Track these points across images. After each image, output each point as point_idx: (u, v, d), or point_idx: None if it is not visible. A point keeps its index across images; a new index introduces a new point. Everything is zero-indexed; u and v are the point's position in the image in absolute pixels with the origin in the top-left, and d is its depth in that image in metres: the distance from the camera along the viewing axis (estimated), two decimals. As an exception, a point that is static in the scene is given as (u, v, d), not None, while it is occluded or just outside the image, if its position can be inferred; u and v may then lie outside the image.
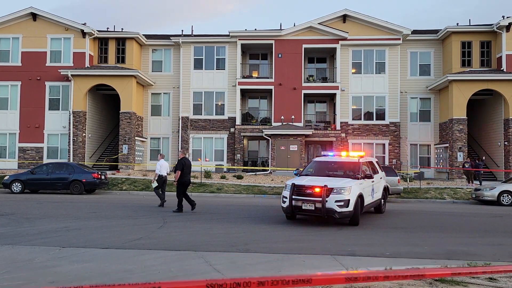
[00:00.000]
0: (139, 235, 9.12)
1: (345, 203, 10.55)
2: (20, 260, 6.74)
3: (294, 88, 28.42)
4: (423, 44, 29.20)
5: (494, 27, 26.85)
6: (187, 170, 13.58)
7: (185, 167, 13.50)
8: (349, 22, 28.75)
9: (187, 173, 13.58)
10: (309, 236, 9.49)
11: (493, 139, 27.25)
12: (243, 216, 12.73)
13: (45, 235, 9.00)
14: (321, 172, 12.31)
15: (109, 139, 31.88)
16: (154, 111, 30.44)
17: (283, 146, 27.29)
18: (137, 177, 23.58)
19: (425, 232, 10.39)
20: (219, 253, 7.47)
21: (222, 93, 29.47)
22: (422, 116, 29.18)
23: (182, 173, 13.39)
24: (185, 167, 13.53)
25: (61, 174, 19.99)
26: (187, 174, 13.58)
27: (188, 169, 13.62)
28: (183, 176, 13.43)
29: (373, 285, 5.26)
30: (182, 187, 13.52)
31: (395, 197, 19.45)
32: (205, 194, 20.45)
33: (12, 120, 28.41)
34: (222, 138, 29.34)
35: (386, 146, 28.48)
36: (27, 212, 12.66)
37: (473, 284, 5.45)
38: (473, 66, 27.59)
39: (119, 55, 29.39)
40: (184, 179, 13.47)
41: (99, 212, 13.00)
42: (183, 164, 13.51)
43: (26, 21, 28.74)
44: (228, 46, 29.38)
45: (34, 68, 28.39)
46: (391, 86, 28.65)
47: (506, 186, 18.26)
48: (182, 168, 13.42)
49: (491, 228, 11.41)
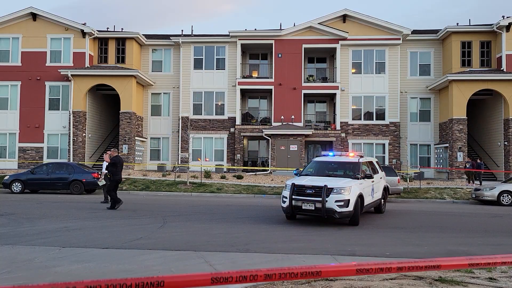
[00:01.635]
0: (139, 235, 9.12)
1: (345, 203, 10.55)
2: (20, 260, 6.74)
3: (294, 88, 28.41)
4: (423, 44, 29.19)
5: (494, 27, 26.84)
6: (120, 168, 13.98)
7: (118, 165, 13.85)
8: (349, 22, 28.75)
9: (120, 171, 13.95)
10: (309, 236, 9.49)
11: (493, 139, 27.25)
12: (243, 216, 12.72)
13: (45, 235, 9.00)
14: (321, 172, 12.31)
15: (109, 139, 31.86)
16: (154, 111, 30.44)
17: (283, 146, 27.28)
18: (137, 177, 23.58)
19: (425, 232, 10.39)
20: (219, 253, 7.47)
21: (222, 93, 29.47)
22: (422, 116, 29.17)
23: (116, 171, 13.74)
24: (119, 165, 13.89)
25: (61, 174, 19.99)
26: (120, 172, 13.95)
27: (121, 167, 14.04)
28: (117, 174, 13.78)
29: (373, 285, 5.27)
30: (116, 185, 13.86)
31: (395, 197, 19.45)
32: (205, 194, 20.44)
33: (12, 120, 28.40)
34: (222, 138, 29.34)
35: (386, 146, 28.47)
36: (27, 212, 12.66)
37: (473, 284, 5.45)
38: (473, 66, 27.59)
39: (119, 55, 29.39)
40: (117, 177, 13.83)
41: (99, 212, 12.99)
42: (117, 162, 13.82)
43: (26, 21, 28.73)
44: (228, 46, 29.37)
45: (34, 68, 28.38)
46: (391, 86, 28.64)
47: (506, 186, 18.26)
48: (116, 166, 13.77)
49: (491, 228, 11.41)
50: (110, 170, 13.93)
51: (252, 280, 2.24)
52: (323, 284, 5.28)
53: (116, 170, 13.78)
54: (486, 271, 6.13)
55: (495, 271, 6.18)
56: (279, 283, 5.38)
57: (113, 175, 13.80)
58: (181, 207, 14.76)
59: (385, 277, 5.65)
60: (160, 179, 23.17)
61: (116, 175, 13.80)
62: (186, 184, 21.91)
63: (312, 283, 5.37)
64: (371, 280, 5.53)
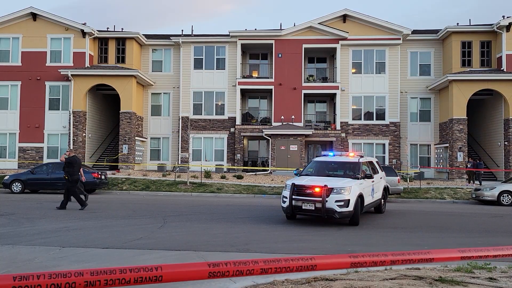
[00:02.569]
0: (139, 235, 9.12)
1: (345, 203, 10.55)
2: (20, 260, 6.74)
3: (294, 88, 28.41)
4: (423, 44, 29.19)
5: (494, 27, 26.84)
6: (77, 168, 13.94)
7: (75, 165, 13.82)
8: (349, 22, 28.75)
9: (77, 171, 13.90)
10: (309, 236, 9.49)
11: (493, 139, 27.26)
12: (243, 216, 12.73)
13: (45, 235, 9.00)
14: (321, 172, 12.31)
15: (109, 139, 31.88)
16: (154, 111, 30.44)
17: (283, 146, 27.29)
18: (137, 177, 23.58)
19: (425, 232, 10.39)
20: (219, 253, 7.48)
21: (222, 93, 29.47)
22: (422, 116, 29.17)
23: (73, 171, 13.69)
24: (75, 165, 13.85)
25: (61, 174, 19.92)
26: (77, 172, 13.90)
27: (78, 167, 13.97)
28: (74, 174, 13.73)
29: (373, 285, 5.26)
30: (75, 184, 13.79)
31: (395, 197, 19.45)
32: (205, 194, 20.44)
33: (12, 120, 28.41)
34: (222, 138, 29.34)
35: (386, 146, 28.47)
36: (27, 212, 12.66)
37: (473, 284, 5.44)
38: (473, 66, 27.59)
39: (119, 55, 29.39)
40: (75, 177, 13.77)
41: (99, 212, 12.99)
42: (73, 162, 13.79)
43: (26, 21, 28.73)
44: (228, 46, 29.38)
45: (34, 68, 28.39)
46: (391, 86, 28.64)
47: (506, 186, 18.26)
48: (73, 166, 13.72)
49: (491, 228, 11.41)
50: (67, 171, 13.74)
51: (249, 273, 2.28)
52: (323, 284, 5.28)
53: (73, 170, 13.69)
54: (487, 271, 6.13)
55: (495, 271, 6.18)
56: (279, 283, 5.38)
57: (70, 175, 13.68)
58: (181, 207, 14.76)
59: (385, 277, 5.65)
60: (160, 179, 23.17)
61: (73, 175, 13.71)
62: (186, 184, 21.91)
63: (312, 283, 5.36)
64: (371, 280, 5.53)
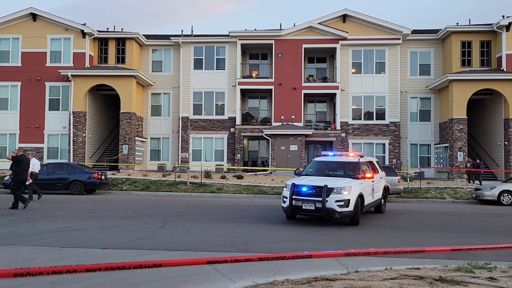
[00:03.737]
0: (139, 235, 9.12)
1: (345, 203, 10.55)
2: (20, 260, 6.74)
3: (294, 88, 28.41)
4: (423, 44, 29.19)
5: (494, 26, 26.84)
6: (25, 167, 13.79)
7: (22, 164, 13.68)
8: (349, 22, 28.75)
9: (24, 170, 13.77)
10: (309, 236, 9.49)
11: (493, 139, 27.25)
12: (243, 216, 12.72)
13: (45, 235, 9.00)
14: (321, 172, 12.31)
15: (109, 139, 31.88)
16: (154, 111, 30.44)
17: (283, 146, 27.28)
18: (137, 177, 23.57)
19: (425, 232, 10.39)
20: (220, 253, 7.48)
21: (222, 93, 29.47)
22: (422, 115, 29.17)
23: (20, 170, 13.56)
24: (23, 164, 13.71)
25: (61, 174, 19.99)
26: (24, 171, 13.77)
27: (26, 166, 13.83)
28: (21, 174, 13.60)
29: (374, 285, 5.26)
30: (20, 184, 13.67)
31: (395, 197, 19.45)
32: (205, 194, 20.44)
33: (12, 121, 28.41)
34: (222, 138, 29.34)
35: (386, 146, 28.47)
36: (27, 212, 12.66)
37: (473, 284, 5.44)
38: (473, 65, 27.59)
39: (119, 55, 29.39)
40: (21, 177, 13.64)
41: (99, 212, 12.99)
42: (20, 161, 13.65)
43: (26, 21, 28.73)
44: (228, 46, 29.37)
45: (34, 68, 28.39)
46: (391, 86, 28.64)
47: (506, 186, 18.26)
48: (20, 165, 13.59)
49: (491, 228, 11.41)
50: (14, 170, 13.56)
51: (246, 261, 2.46)
52: (323, 284, 5.28)
53: (19, 170, 13.55)
54: (487, 271, 6.12)
55: (496, 270, 6.17)
56: (280, 283, 5.38)
57: (16, 174, 13.52)
58: (181, 207, 14.76)
59: (385, 277, 5.64)
60: (160, 179, 23.17)
61: (20, 175, 13.58)
62: (186, 184, 21.91)
63: (312, 283, 5.36)
64: (371, 280, 5.53)
